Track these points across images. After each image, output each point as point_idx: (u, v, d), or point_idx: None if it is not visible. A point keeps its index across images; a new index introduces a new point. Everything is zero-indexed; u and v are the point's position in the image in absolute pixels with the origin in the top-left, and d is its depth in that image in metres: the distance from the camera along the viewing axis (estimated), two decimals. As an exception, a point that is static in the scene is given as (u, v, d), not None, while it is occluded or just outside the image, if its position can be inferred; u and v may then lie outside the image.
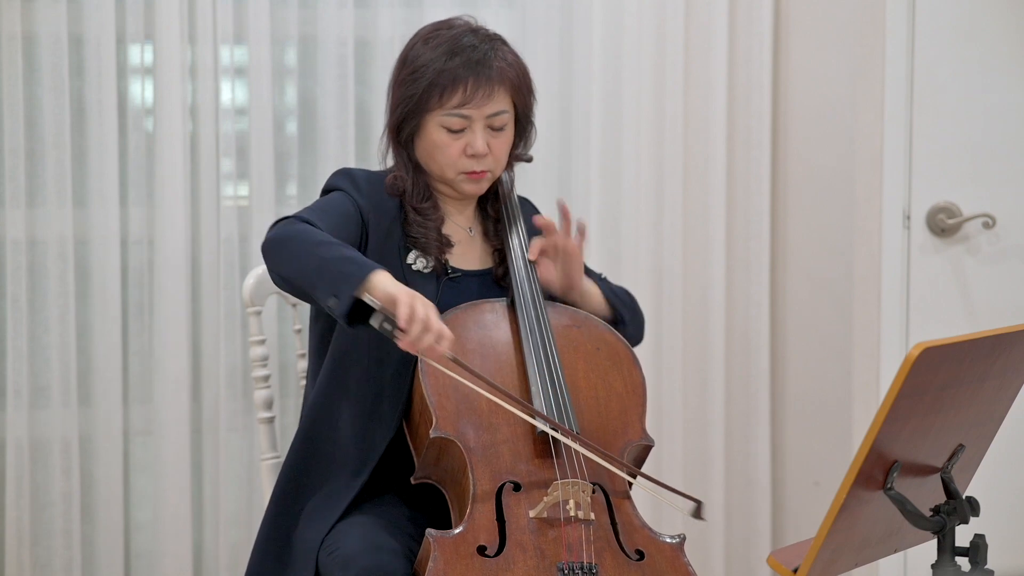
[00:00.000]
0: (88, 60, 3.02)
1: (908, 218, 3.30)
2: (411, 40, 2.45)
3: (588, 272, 2.56)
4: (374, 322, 2.13)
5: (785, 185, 3.42)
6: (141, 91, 3.10)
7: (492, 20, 3.18)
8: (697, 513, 2.28)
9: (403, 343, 2.13)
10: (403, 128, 2.41)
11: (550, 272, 2.46)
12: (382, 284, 2.15)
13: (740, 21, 3.36)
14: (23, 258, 3.00)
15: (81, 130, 3.04)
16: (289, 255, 2.24)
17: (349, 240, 2.33)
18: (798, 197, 3.42)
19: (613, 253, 3.33)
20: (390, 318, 2.12)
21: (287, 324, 3.10)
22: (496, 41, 2.43)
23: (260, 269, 2.66)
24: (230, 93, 3.09)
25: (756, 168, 3.38)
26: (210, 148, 3.08)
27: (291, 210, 3.17)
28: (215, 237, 3.09)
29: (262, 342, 2.68)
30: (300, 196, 3.19)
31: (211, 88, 3.07)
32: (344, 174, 2.44)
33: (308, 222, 2.28)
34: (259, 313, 2.67)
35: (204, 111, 3.07)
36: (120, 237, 3.06)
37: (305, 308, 2.74)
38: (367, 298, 2.14)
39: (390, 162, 2.47)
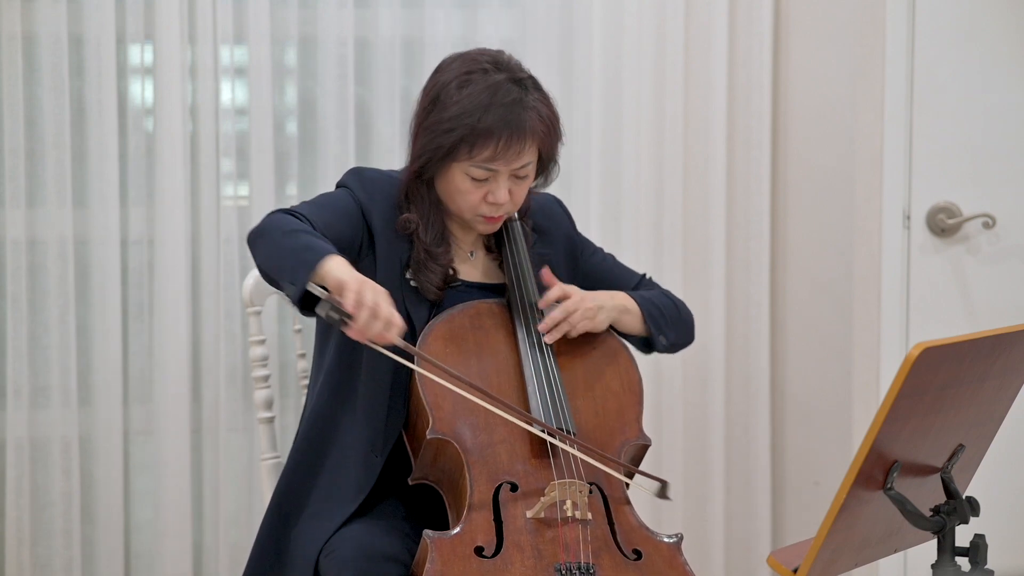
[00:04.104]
0: (88, 60, 3.02)
1: (908, 218, 3.30)
2: (442, 74, 2.34)
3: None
4: (320, 310, 2.03)
5: (785, 185, 3.42)
6: (141, 91, 3.10)
7: (492, 20, 3.21)
8: (662, 493, 2.28)
9: (351, 332, 2.06)
10: (426, 171, 2.35)
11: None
12: (332, 270, 2.07)
13: (740, 21, 3.36)
14: (23, 258, 3.00)
15: (81, 130, 3.04)
16: (262, 244, 2.20)
17: (344, 237, 2.29)
18: (798, 197, 3.41)
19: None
20: (337, 306, 2.03)
21: (287, 324, 3.10)
22: (530, 86, 2.32)
23: (260, 269, 2.66)
24: (230, 93, 3.09)
25: (756, 168, 3.38)
26: (210, 148, 3.08)
27: (291, 210, 3.18)
28: (215, 237, 3.09)
29: (262, 342, 2.68)
30: (300, 196, 3.18)
31: (211, 88, 3.07)
32: (354, 173, 2.41)
33: (295, 214, 2.23)
34: (259, 313, 2.67)
35: (204, 111, 3.07)
36: (120, 237, 3.06)
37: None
38: (311, 286, 2.06)
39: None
